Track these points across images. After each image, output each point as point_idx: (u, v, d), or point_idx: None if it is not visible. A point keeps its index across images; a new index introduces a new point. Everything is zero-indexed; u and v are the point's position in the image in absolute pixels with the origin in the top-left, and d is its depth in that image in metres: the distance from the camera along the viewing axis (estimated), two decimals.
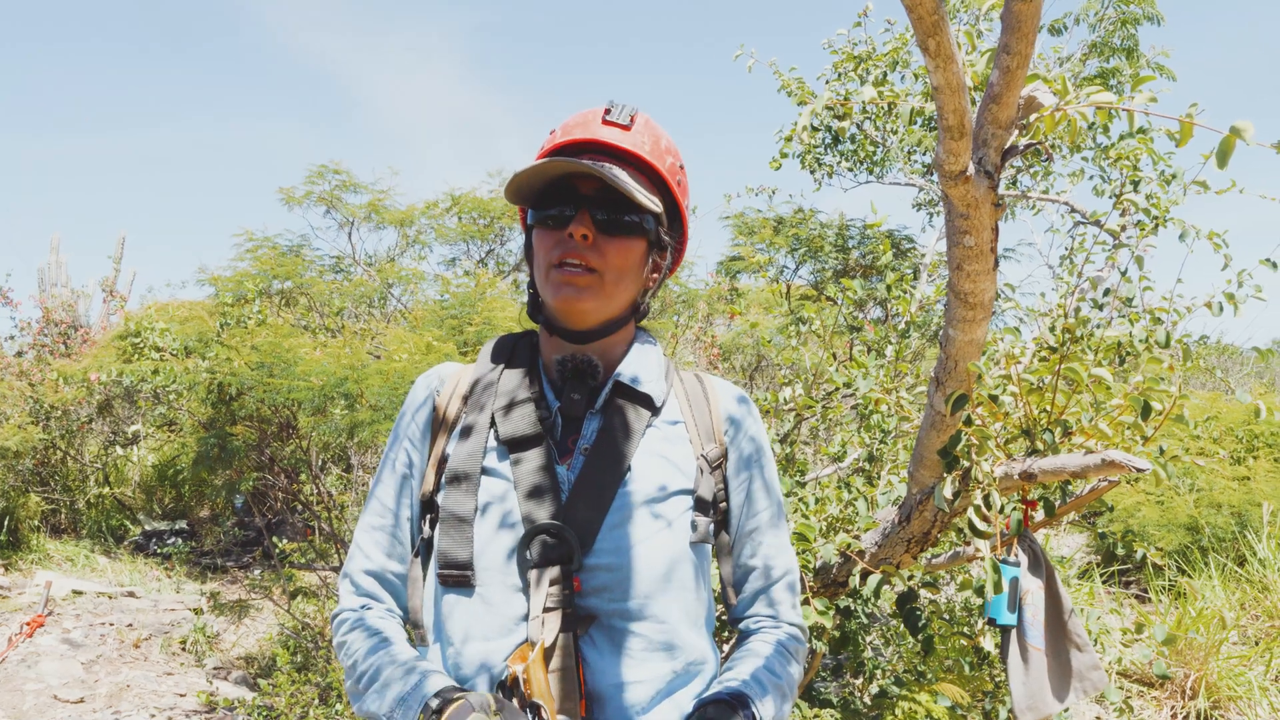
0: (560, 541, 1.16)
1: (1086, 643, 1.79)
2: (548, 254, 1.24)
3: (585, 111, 1.31)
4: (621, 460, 1.23)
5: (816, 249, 5.76)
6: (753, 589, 1.36)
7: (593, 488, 1.20)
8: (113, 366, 6.32)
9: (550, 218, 1.24)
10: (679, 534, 1.23)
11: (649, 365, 1.33)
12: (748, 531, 1.35)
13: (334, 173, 6.69)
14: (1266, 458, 7.27)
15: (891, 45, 3.48)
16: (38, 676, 4.53)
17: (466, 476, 1.22)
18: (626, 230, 1.24)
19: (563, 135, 1.28)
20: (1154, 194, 2.87)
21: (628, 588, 1.18)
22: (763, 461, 1.38)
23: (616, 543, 1.18)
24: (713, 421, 1.34)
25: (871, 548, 2.11)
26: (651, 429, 1.28)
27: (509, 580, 1.17)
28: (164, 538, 7.68)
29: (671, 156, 1.32)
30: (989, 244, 1.48)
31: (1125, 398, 1.75)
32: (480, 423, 1.26)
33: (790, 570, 1.38)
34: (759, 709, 1.18)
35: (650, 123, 1.31)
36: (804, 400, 2.82)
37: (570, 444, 1.25)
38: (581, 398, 1.26)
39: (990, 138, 1.36)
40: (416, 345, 4.38)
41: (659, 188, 1.30)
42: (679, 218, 1.35)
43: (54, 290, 11.32)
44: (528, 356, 1.33)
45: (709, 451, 1.31)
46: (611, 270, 1.23)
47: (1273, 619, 5.19)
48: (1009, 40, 1.23)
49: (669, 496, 1.24)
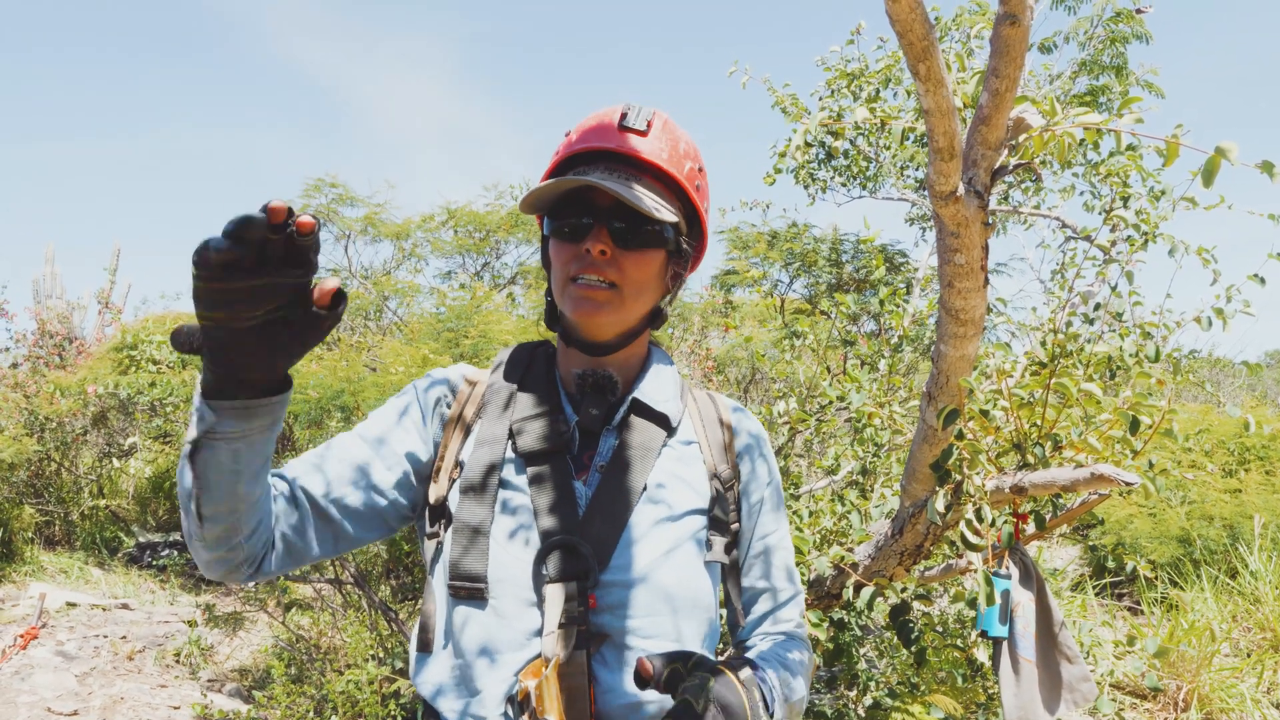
0: (577, 557, 1.15)
1: (1077, 654, 1.81)
2: (565, 266, 1.23)
3: (602, 113, 1.28)
4: (638, 478, 1.22)
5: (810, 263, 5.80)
6: (761, 611, 1.37)
7: (609, 505, 1.20)
8: (109, 378, 6.32)
9: (567, 228, 1.22)
10: (693, 554, 1.23)
11: (665, 384, 1.33)
12: (757, 553, 1.36)
13: (331, 185, 6.72)
14: (1258, 470, 7.30)
15: (884, 63, 3.53)
16: (31, 689, 4.51)
17: (483, 487, 1.20)
18: (645, 242, 1.22)
19: (579, 141, 1.26)
20: (1144, 210, 2.92)
21: (642, 606, 1.17)
22: (774, 491, 1.39)
23: (631, 560, 1.18)
24: (726, 443, 1.35)
25: (865, 560, 2.13)
26: (667, 448, 1.28)
27: (523, 594, 1.15)
28: (159, 550, 7.66)
29: (690, 160, 1.29)
30: (979, 262, 1.51)
31: (1115, 412, 1.78)
32: (498, 433, 1.24)
33: (799, 593, 1.40)
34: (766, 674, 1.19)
35: (669, 125, 1.28)
36: (798, 414, 2.85)
37: (586, 460, 1.25)
38: (599, 413, 1.26)
39: (980, 158, 1.39)
40: (413, 358, 4.40)
41: (677, 194, 1.28)
42: (698, 222, 1.33)
43: (49, 302, 11.32)
44: (545, 368, 1.33)
45: (722, 472, 1.31)
46: (630, 284, 1.22)
47: (1264, 631, 5.21)
48: (997, 64, 1.26)
49: (684, 516, 1.24)
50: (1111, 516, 6.55)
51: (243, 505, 1.03)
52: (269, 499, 1.10)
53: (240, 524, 1.05)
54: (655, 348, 1.41)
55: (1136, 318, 2.77)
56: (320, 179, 6.62)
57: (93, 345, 9.79)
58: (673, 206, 1.25)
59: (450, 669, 1.19)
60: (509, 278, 7.56)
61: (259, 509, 1.07)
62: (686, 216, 1.31)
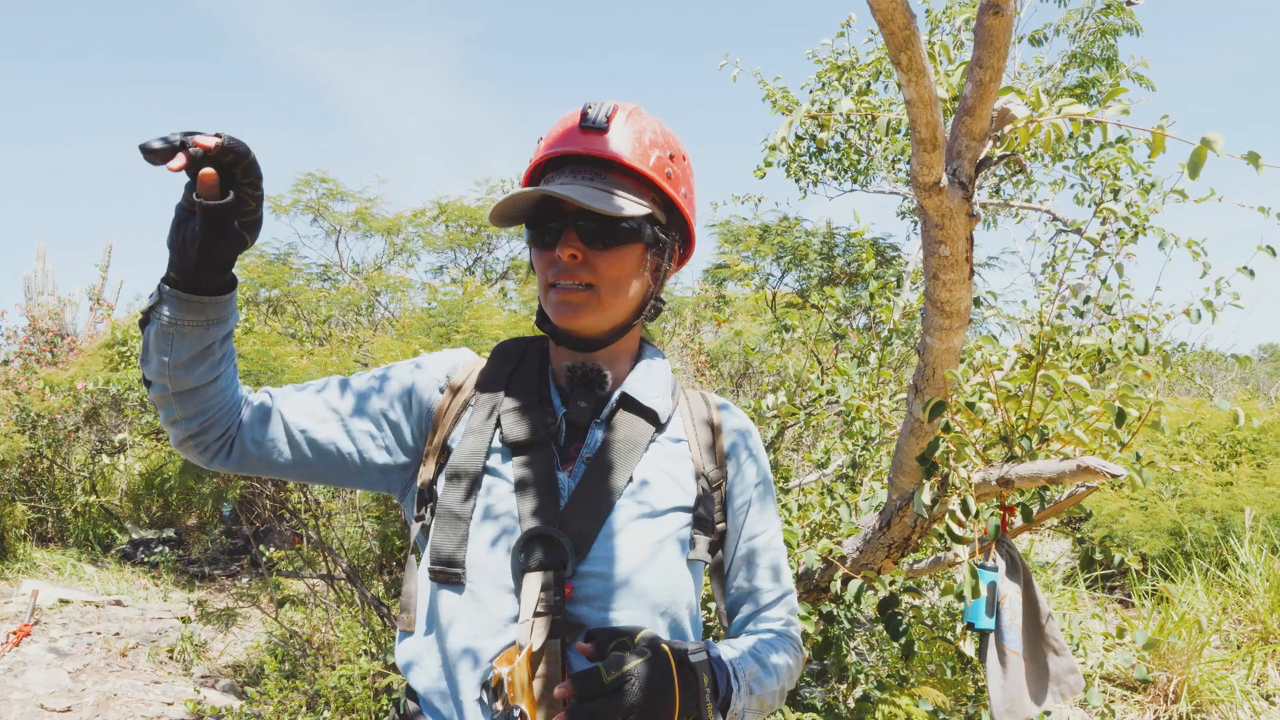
0: (555, 547, 1.15)
1: (1064, 646, 1.82)
2: (544, 273, 1.25)
3: (566, 117, 1.28)
4: (622, 472, 1.22)
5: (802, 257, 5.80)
6: (746, 613, 1.36)
7: (592, 497, 1.20)
8: (100, 375, 6.30)
9: (540, 236, 1.24)
10: (674, 550, 1.23)
11: (656, 381, 1.33)
12: (743, 556, 1.35)
13: (321, 180, 6.70)
14: (1249, 463, 7.33)
15: (875, 55, 3.52)
16: (24, 686, 4.50)
17: (467, 474, 1.21)
18: (616, 239, 1.22)
19: (546, 148, 1.27)
20: (1134, 202, 2.92)
21: (618, 599, 1.17)
22: (763, 487, 1.38)
23: (611, 553, 1.18)
24: (716, 443, 1.35)
25: (854, 553, 2.13)
26: (655, 444, 1.29)
27: (500, 581, 1.16)
28: (151, 546, 7.65)
29: (659, 150, 1.27)
30: (964, 254, 1.51)
31: (1102, 404, 1.78)
32: (486, 423, 1.26)
33: (788, 592, 1.39)
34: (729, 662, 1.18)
35: (634, 116, 1.27)
36: (787, 408, 2.85)
37: (573, 451, 1.25)
38: (588, 406, 1.27)
39: (964, 149, 1.39)
40: (404, 353, 4.39)
41: (649, 185, 1.27)
42: (677, 210, 1.31)
43: (40, 299, 11.28)
44: (538, 361, 1.34)
45: (710, 472, 1.31)
46: (606, 283, 1.23)
47: (1254, 624, 5.23)
48: (981, 54, 1.26)
49: (667, 512, 1.24)
50: (1102, 510, 6.57)
51: (172, 384, 1.15)
52: (222, 394, 1.19)
53: (179, 403, 1.17)
54: (648, 344, 1.41)
55: (1126, 310, 2.77)
56: (310, 174, 6.60)
57: (84, 342, 9.75)
58: (644, 199, 1.25)
59: (428, 650, 1.20)
60: (501, 273, 7.54)
61: (201, 396, 1.17)
62: (664, 206, 1.30)
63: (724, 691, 1.15)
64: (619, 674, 1.04)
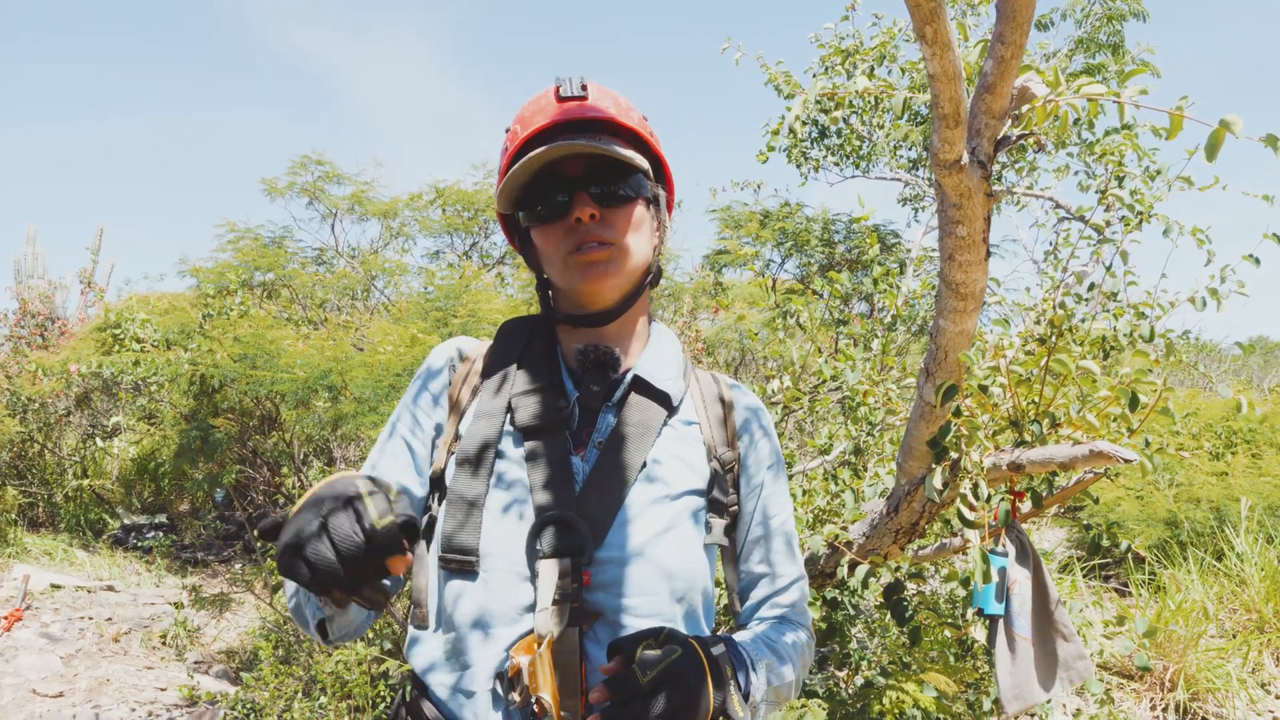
0: (572, 533, 1.13)
1: (1073, 633, 1.80)
2: (559, 245, 1.21)
3: (536, 97, 1.27)
4: (636, 456, 1.20)
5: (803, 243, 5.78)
6: (760, 595, 1.34)
7: (606, 482, 1.17)
8: (92, 358, 6.26)
9: (547, 210, 1.21)
10: (690, 533, 1.20)
11: (669, 362, 1.31)
12: (757, 537, 1.33)
13: (317, 163, 6.64)
14: (1245, 453, 7.35)
15: (879, 39, 3.49)
16: (16, 671, 4.47)
17: (479, 460, 1.18)
18: (624, 198, 1.22)
19: (524, 129, 1.23)
20: (1138, 190, 2.90)
21: (636, 584, 1.15)
22: (776, 467, 1.36)
23: (627, 538, 1.15)
24: (728, 425, 1.33)
25: (859, 539, 2.11)
26: (667, 428, 1.26)
27: (515, 569, 1.13)
28: (143, 531, 7.62)
29: (636, 111, 1.29)
30: (981, 234, 1.48)
31: (1112, 390, 1.76)
32: (496, 407, 1.23)
33: (800, 578, 1.37)
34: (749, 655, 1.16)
35: (603, 87, 1.28)
36: (791, 393, 2.83)
37: (585, 436, 1.23)
38: (600, 389, 1.24)
39: (984, 127, 1.36)
40: (401, 337, 4.36)
41: (635, 143, 1.28)
42: (661, 166, 1.32)
43: (30, 282, 11.20)
44: (546, 344, 1.31)
45: (723, 455, 1.29)
46: (625, 240, 1.22)
47: (1250, 612, 5.24)
48: (1004, 30, 1.23)
49: (681, 496, 1.22)
50: (1099, 499, 6.58)
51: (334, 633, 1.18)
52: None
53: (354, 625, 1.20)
54: (656, 322, 1.38)
55: (1130, 298, 2.75)
56: (306, 156, 6.54)
57: (75, 325, 9.69)
58: (638, 155, 1.24)
59: (442, 644, 1.17)
60: (498, 257, 7.50)
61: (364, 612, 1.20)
62: (651, 163, 1.30)
63: (745, 685, 1.13)
64: (654, 674, 1.01)
